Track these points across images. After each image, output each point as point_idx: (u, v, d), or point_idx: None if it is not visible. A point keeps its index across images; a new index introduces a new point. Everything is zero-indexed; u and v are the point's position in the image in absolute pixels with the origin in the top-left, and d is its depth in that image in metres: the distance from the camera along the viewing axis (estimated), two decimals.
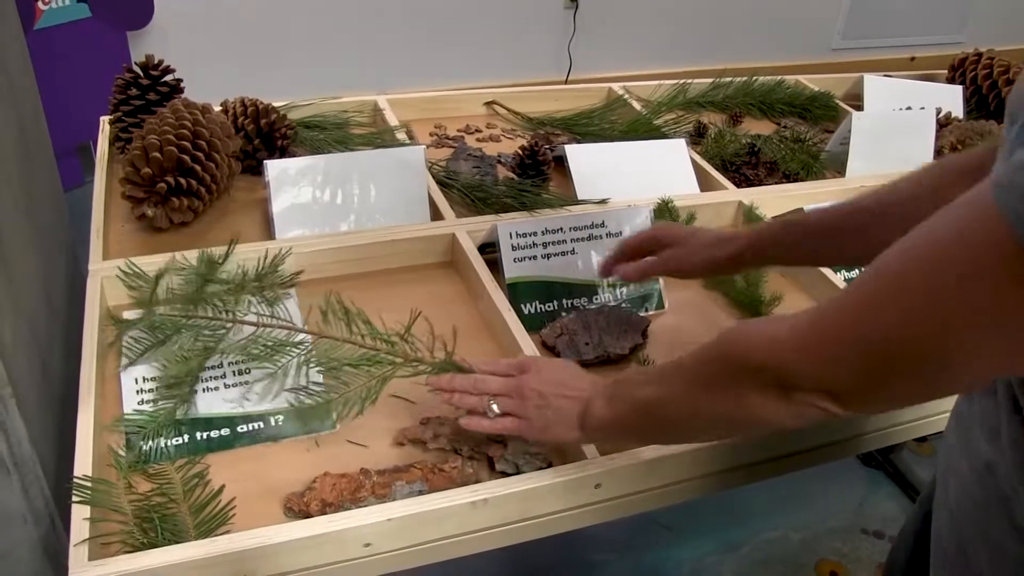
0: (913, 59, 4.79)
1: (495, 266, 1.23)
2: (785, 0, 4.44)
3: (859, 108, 1.92)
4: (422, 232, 1.30)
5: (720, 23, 4.37)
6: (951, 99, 1.96)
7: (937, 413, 1.13)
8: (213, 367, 1.07)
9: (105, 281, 1.17)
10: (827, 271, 1.30)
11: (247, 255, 1.19)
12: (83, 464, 0.90)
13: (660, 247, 1.09)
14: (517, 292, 1.21)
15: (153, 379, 1.04)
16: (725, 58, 4.39)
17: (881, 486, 2.12)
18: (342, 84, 3.64)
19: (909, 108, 1.85)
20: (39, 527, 0.99)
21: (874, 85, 1.95)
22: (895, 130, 1.68)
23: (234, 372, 1.07)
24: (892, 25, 4.76)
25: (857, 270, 1.36)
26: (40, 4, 2.73)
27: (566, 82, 3.97)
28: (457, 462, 0.96)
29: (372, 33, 3.64)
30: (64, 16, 2.81)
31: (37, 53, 2.73)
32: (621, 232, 1.27)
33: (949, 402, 1.11)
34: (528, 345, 1.09)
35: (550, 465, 0.96)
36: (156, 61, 1.46)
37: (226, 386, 1.06)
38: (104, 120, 1.52)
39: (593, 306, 1.22)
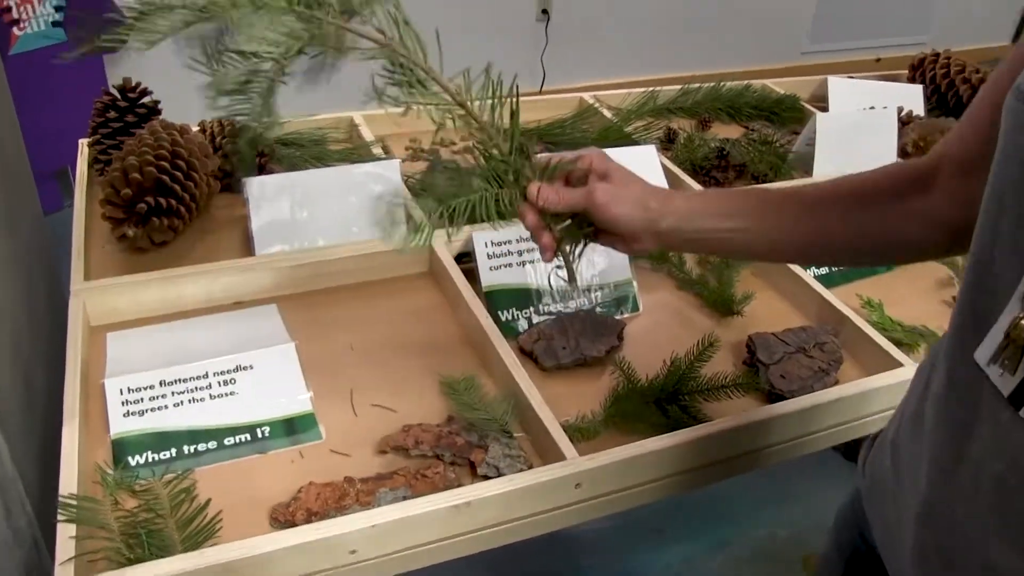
0: (879, 60, 4.86)
1: (472, 275, 1.25)
2: (753, 6, 4.50)
3: (825, 109, 1.96)
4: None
5: (690, 31, 4.42)
6: (912, 98, 2.00)
7: None
8: (198, 377, 1.08)
9: (87, 301, 1.18)
10: (798, 268, 1.33)
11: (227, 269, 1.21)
12: (68, 482, 0.91)
13: (591, 177, 0.93)
14: (494, 300, 1.23)
15: (139, 389, 1.06)
16: (695, 65, 4.44)
17: None
18: (317, 101, 3.66)
19: (872, 108, 1.89)
20: (21, 548, 1.00)
21: (838, 86, 1.99)
22: (859, 129, 1.72)
23: (220, 383, 1.09)
24: (858, 28, 4.84)
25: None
26: (15, 29, 2.74)
27: (540, 93, 4.00)
28: (439, 468, 0.99)
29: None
30: (40, 41, 2.82)
31: (13, 78, 2.73)
32: None
33: None
34: (507, 351, 1.11)
35: (531, 467, 0.98)
36: (134, 84, 1.48)
37: (211, 397, 1.08)
38: (83, 143, 1.54)
39: (569, 311, 1.24)
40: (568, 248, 0.93)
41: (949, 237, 0.82)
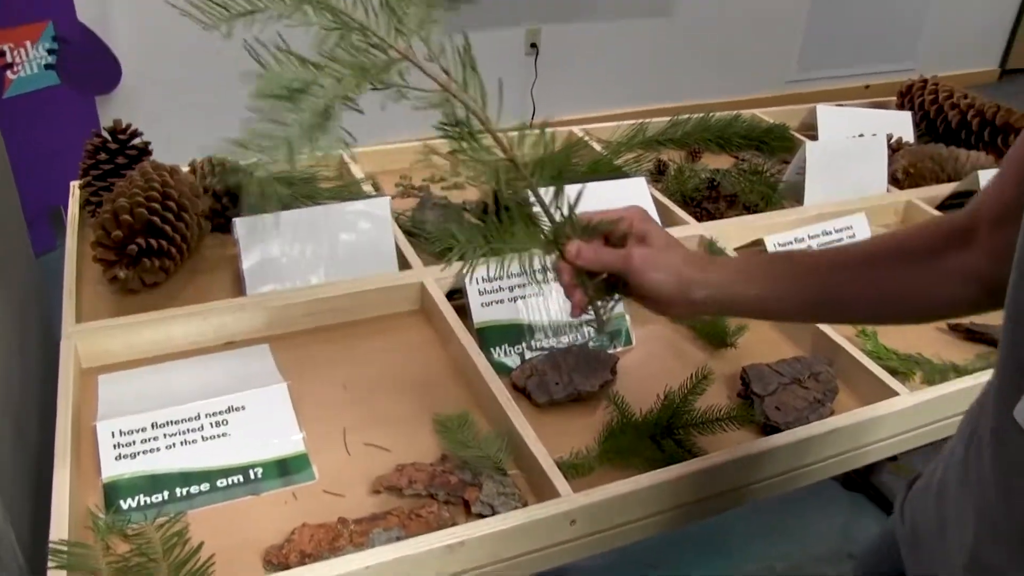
0: (868, 87, 4.91)
1: (464, 312, 1.25)
2: (741, 35, 4.54)
3: (814, 138, 1.97)
4: (391, 282, 1.32)
5: (677, 62, 4.47)
6: (902, 125, 2.02)
7: (904, 432, 1.16)
8: (190, 419, 1.08)
9: (79, 343, 1.18)
10: None
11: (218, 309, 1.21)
12: (59, 527, 0.90)
13: (630, 239, 0.93)
14: (486, 336, 1.23)
15: (130, 432, 1.05)
16: (684, 95, 4.48)
17: (864, 509, 2.14)
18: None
19: (862, 135, 1.90)
20: None
21: (827, 115, 2.00)
22: (849, 157, 1.73)
23: (212, 424, 1.08)
24: (846, 55, 4.88)
25: None
26: (9, 73, 2.76)
27: (530, 127, 4.02)
28: (433, 507, 0.98)
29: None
30: (33, 84, 2.84)
31: (7, 121, 2.77)
32: None
33: (911, 420, 1.15)
34: (499, 388, 1.11)
35: (525, 504, 0.98)
36: (124, 125, 1.48)
37: (204, 439, 1.07)
38: (74, 185, 1.54)
39: (562, 346, 1.24)
40: (599, 302, 0.93)
41: (986, 293, 0.79)
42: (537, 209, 0.89)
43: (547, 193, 0.88)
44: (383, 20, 0.81)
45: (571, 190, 0.89)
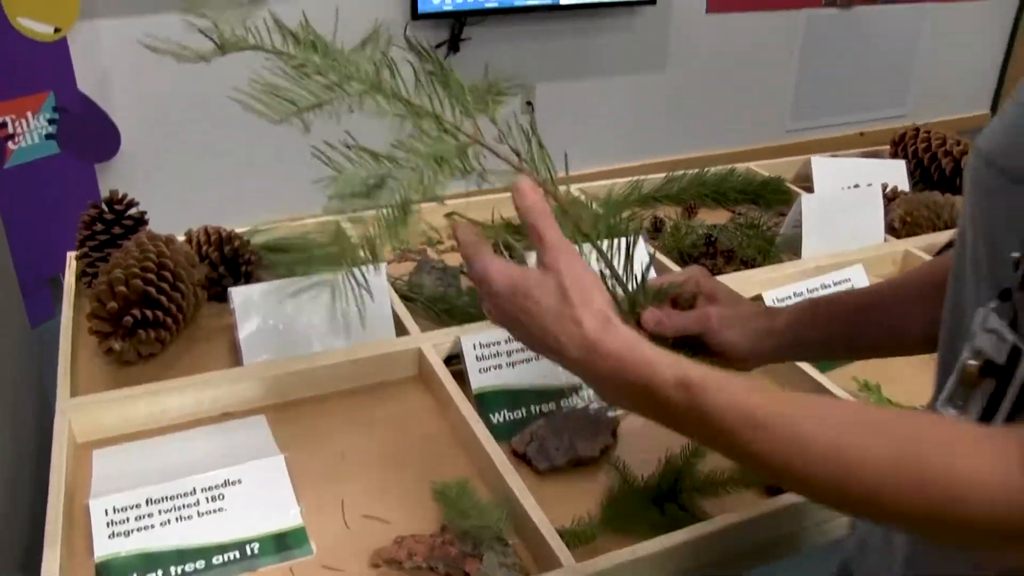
0: (862, 134, 4.95)
1: (462, 377, 1.24)
2: (735, 88, 4.59)
3: (810, 189, 1.97)
4: (388, 348, 1.31)
5: (672, 116, 4.51)
6: (896, 173, 2.02)
7: None
8: (185, 494, 1.06)
9: (73, 418, 1.17)
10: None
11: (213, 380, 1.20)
12: None
13: (699, 298, 0.97)
14: (485, 402, 1.22)
15: (124, 509, 1.04)
16: (680, 148, 4.52)
17: None
18: (310, 202, 3.70)
19: (857, 185, 1.90)
20: None
21: (822, 166, 2.00)
22: (845, 208, 1.73)
23: (208, 499, 1.07)
24: (839, 104, 4.93)
25: None
26: (10, 144, 2.79)
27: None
28: None
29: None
30: (33, 153, 2.87)
31: (7, 191, 2.79)
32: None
33: None
34: (499, 455, 1.10)
35: None
36: (120, 196, 1.48)
37: (199, 514, 1.05)
38: (71, 255, 1.54)
39: (562, 410, 1.23)
40: None
41: None
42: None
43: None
44: (447, 105, 0.82)
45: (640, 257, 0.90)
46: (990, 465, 0.55)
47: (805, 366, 1.30)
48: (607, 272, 0.90)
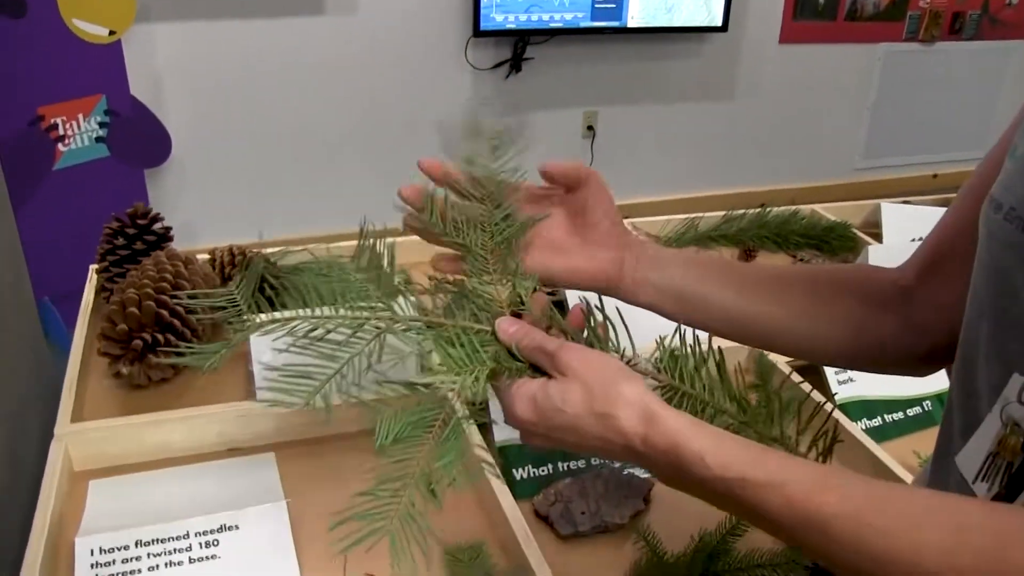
0: (936, 176, 4.76)
1: (486, 428, 1.15)
2: (804, 122, 4.45)
3: (878, 236, 1.85)
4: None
5: (738, 148, 4.39)
6: None
7: None
8: (178, 538, 0.99)
9: (71, 445, 1.10)
10: (846, 420, 1.21)
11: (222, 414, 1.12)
12: None
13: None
14: (509, 456, 1.12)
15: (111, 550, 0.97)
16: (743, 181, 4.39)
17: None
18: (361, 213, 3.66)
19: None
20: None
21: (892, 213, 1.88)
22: None
23: (201, 544, 0.99)
24: (914, 143, 4.75)
25: None
26: (60, 146, 2.78)
27: None
28: None
29: (387, 167, 3.68)
30: (83, 156, 2.85)
31: (56, 193, 2.78)
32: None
33: None
34: (518, 517, 1.00)
35: None
36: (144, 210, 1.43)
37: (191, 561, 0.98)
38: (92, 268, 1.49)
39: (592, 469, 1.13)
40: None
41: (924, 347, 0.82)
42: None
43: None
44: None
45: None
46: None
47: (858, 433, 1.19)
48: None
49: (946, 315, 0.77)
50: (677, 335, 0.79)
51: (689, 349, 0.78)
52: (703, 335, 0.81)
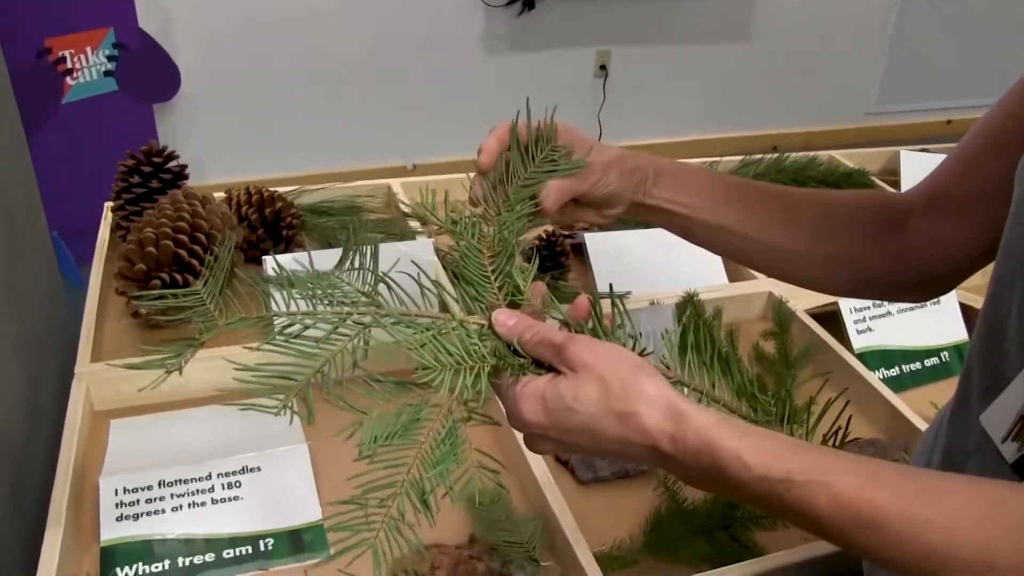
0: (950, 122, 4.71)
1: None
2: (818, 65, 4.38)
3: (896, 184, 1.84)
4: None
5: (750, 89, 4.33)
6: None
7: None
8: (200, 479, 1.00)
9: (92, 385, 1.11)
10: (863, 370, 1.21)
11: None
12: None
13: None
14: None
15: (135, 490, 0.98)
16: (756, 124, 4.34)
17: None
18: (372, 154, 3.65)
19: None
20: None
21: (910, 161, 1.86)
22: None
23: (224, 486, 1.00)
24: (928, 88, 4.68)
25: None
26: (68, 79, 2.75)
27: None
28: None
29: (401, 103, 3.64)
30: (92, 90, 2.82)
31: (65, 126, 2.76)
32: (641, 335, 1.18)
33: None
34: (539, 461, 1.01)
35: None
36: (160, 148, 1.41)
37: (213, 502, 0.99)
38: (107, 206, 1.48)
39: None
40: None
41: (916, 279, 0.83)
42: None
43: None
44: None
45: None
46: None
47: (876, 383, 1.19)
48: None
49: (938, 251, 0.79)
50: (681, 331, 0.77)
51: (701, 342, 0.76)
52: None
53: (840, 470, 0.56)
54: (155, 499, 0.97)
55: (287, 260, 1.23)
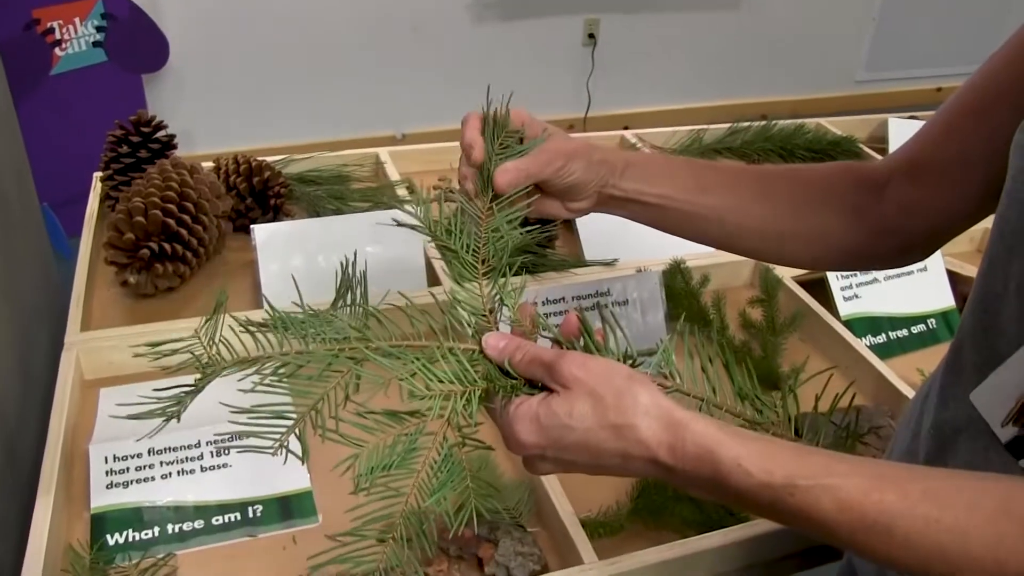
0: (939, 89, 4.70)
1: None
2: (807, 32, 4.37)
3: (884, 152, 1.84)
4: (418, 300, 1.22)
5: (739, 57, 4.31)
6: None
7: None
8: (189, 447, 1.00)
9: (82, 354, 1.11)
10: (850, 336, 1.22)
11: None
12: (34, 565, 0.82)
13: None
14: None
15: (125, 458, 0.98)
16: (745, 92, 4.33)
17: None
18: (361, 123, 3.64)
19: None
20: None
21: (899, 128, 1.87)
22: None
23: (212, 453, 1.01)
24: (918, 56, 4.67)
25: None
26: (57, 50, 2.73)
27: (585, 119, 3.91)
28: (443, 564, 0.89)
29: (389, 72, 3.62)
30: (80, 61, 2.81)
31: (54, 98, 2.74)
32: (627, 301, 1.19)
33: None
34: None
35: (545, 569, 0.88)
36: (148, 117, 1.41)
37: (202, 469, 1.00)
38: (96, 176, 1.47)
39: None
40: None
41: (896, 246, 0.84)
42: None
43: None
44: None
45: None
46: None
47: (863, 350, 1.20)
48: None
49: (917, 217, 0.79)
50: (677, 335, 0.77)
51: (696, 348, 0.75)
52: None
53: (844, 473, 0.55)
54: (144, 466, 0.98)
55: (276, 228, 1.24)
